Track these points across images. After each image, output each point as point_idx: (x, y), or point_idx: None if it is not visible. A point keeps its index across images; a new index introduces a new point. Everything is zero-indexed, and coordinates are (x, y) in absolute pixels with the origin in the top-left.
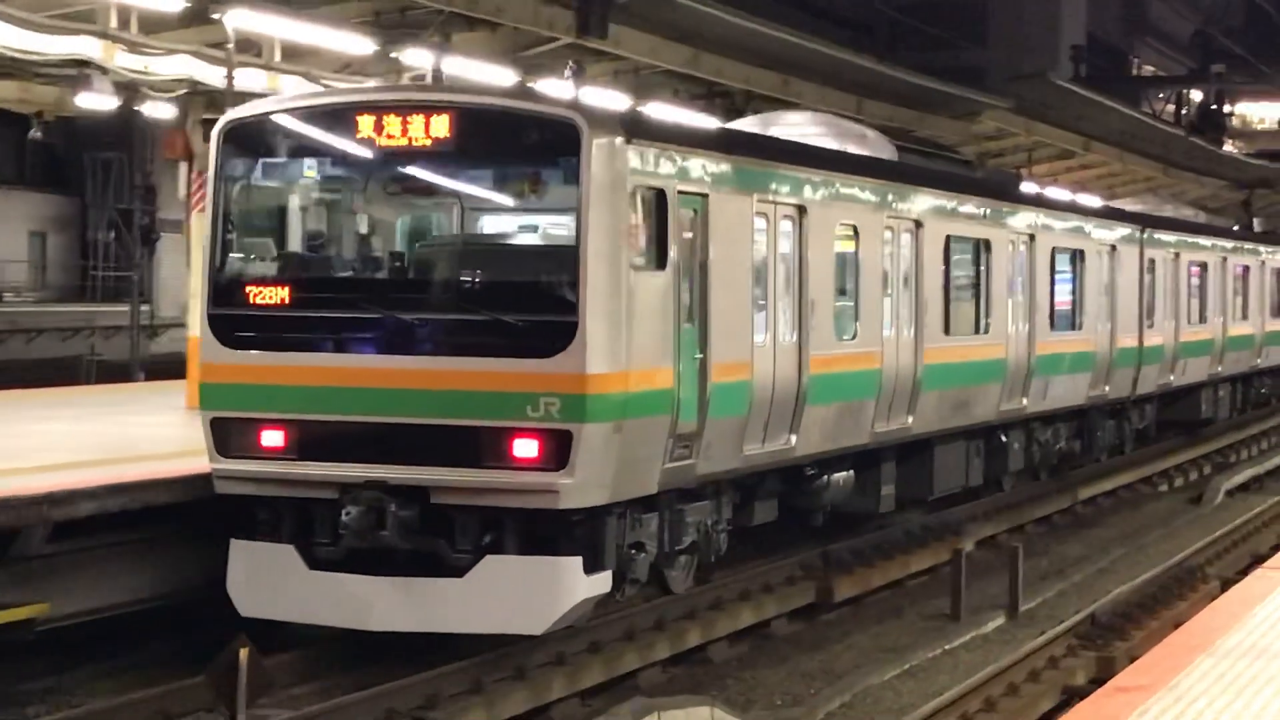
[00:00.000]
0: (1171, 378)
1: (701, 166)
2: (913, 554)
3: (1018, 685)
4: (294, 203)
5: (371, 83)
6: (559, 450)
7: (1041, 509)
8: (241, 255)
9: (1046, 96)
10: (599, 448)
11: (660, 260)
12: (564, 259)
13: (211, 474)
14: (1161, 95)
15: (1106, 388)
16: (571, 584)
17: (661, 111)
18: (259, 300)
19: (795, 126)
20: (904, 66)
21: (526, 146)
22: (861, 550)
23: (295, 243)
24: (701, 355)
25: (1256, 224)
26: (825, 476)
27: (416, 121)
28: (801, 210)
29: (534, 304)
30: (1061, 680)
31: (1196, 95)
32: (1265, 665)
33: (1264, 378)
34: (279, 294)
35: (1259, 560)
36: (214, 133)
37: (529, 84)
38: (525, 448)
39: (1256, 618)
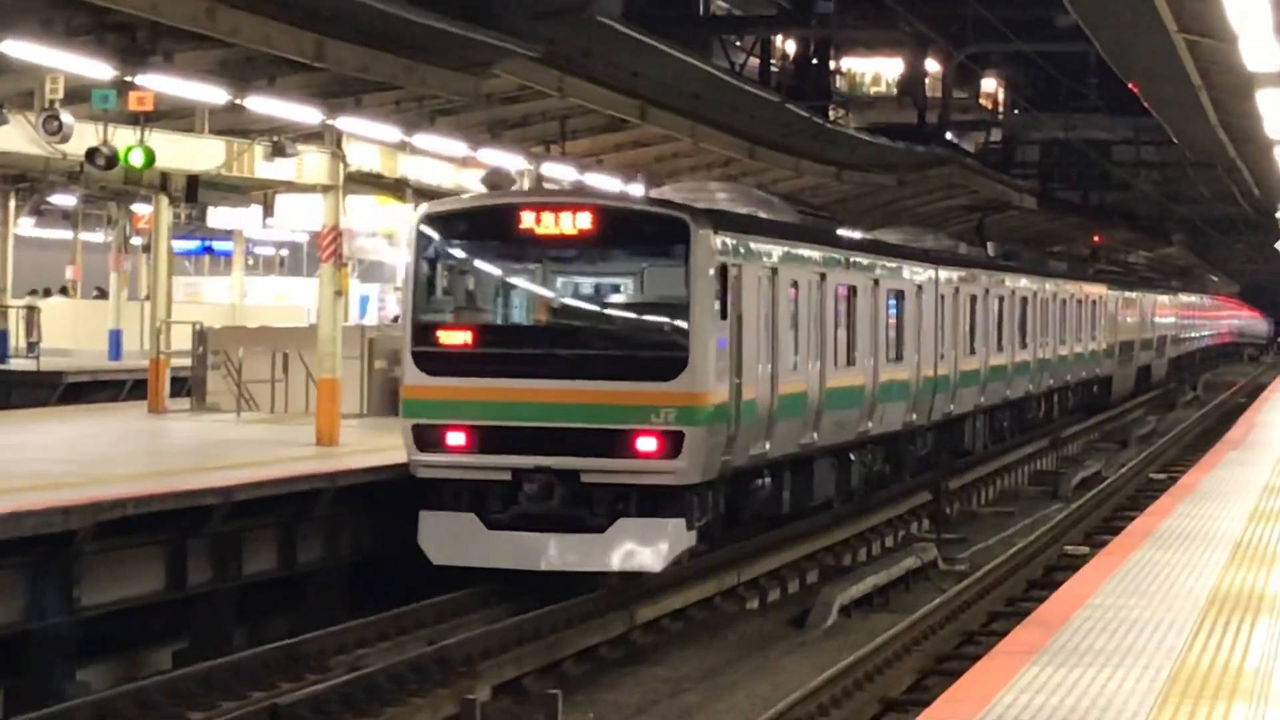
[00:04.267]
0: (952, 407)
1: (738, 245)
2: (402, 706)
3: None
4: (475, 271)
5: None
6: (674, 445)
7: (584, 638)
8: (434, 309)
9: (588, 41)
10: (699, 443)
11: (724, 313)
12: (677, 312)
13: (409, 464)
14: (739, 42)
15: (914, 415)
16: (679, 537)
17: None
18: (447, 342)
19: (710, 193)
20: None
21: (650, 235)
22: (325, 702)
23: (476, 300)
24: (738, 380)
25: (990, 248)
26: (760, 480)
27: (567, 217)
28: (774, 271)
29: (656, 343)
30: None
31: (792, 46)
32: None
33: (1008, 410)
34: (464, 337)
35: (891, 707)
36: (413, 220)
37: None
38: (648, 444)
39: None
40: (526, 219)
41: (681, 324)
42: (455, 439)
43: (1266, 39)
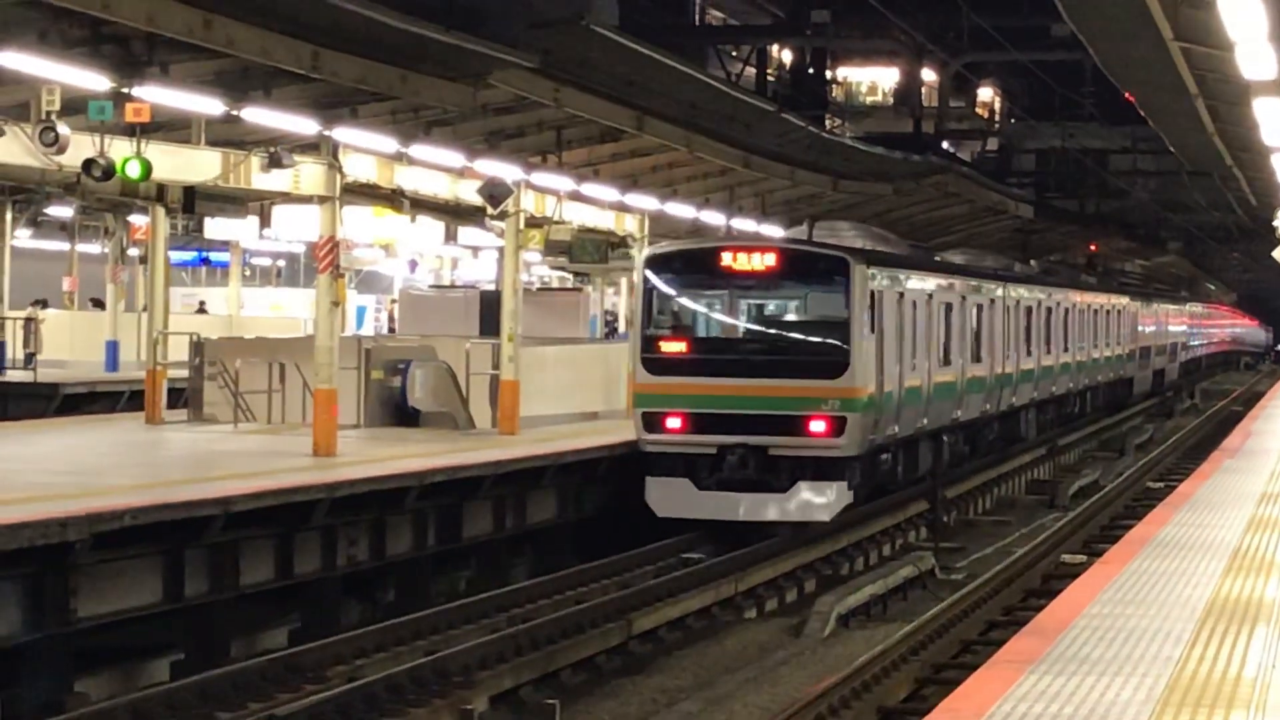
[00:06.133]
0: (1014, 399)
1: (880, 275)
2: (400, 717)
3: None
4: (687, 297)
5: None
6: (839, 427)
7: (582, 648)
8: (657, 326)
9: (584, 51)
10: (857, 425)
11: (873, 328)
12: (841, 327)
13: (638, 442)
14: (735, 52)
15: (987, 405)
16: (841, 495)
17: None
18: (668, 350)
19: (840, 233)
20: (376, 3)
21: (820, 270)
22: (323, 712)
23: (688, 319)
24: (880, 378)
25: (1034, 264)
26: (886, 455)
27: (757, 256)
28: (901, 294)
29: (825, 351)
30: None
31: (788, 55)
32: None
33: (1050, 405)
34: (680, 346)
35: (888, 717)
36: (641, 259)
37: None
38: (819, 425)
39: None
40: (726, 258)
41: (844, 335)
42: (674, 423)
43: (1263, 47)
